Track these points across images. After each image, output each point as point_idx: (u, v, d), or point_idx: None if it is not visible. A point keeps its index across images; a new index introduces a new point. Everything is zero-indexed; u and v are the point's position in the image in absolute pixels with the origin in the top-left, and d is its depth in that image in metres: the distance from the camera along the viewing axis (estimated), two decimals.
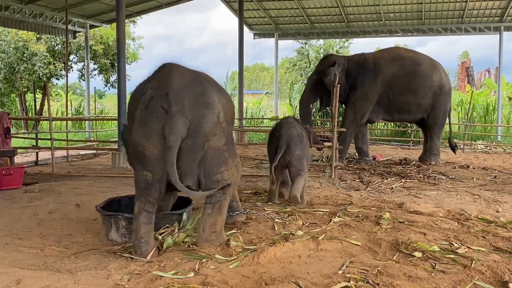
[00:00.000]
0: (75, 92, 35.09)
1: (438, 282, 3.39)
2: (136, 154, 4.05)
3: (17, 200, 6.54)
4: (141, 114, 3.91)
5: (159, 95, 3.90)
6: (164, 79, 4.01)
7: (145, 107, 3.90)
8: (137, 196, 4.12)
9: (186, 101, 3.89)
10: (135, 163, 4.13)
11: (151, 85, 4.00)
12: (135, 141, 3.98)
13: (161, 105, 3.85)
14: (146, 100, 3.92)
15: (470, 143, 14.90)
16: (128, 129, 4.22)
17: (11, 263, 3.90)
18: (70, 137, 14.19)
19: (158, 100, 3.88)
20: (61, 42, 18.54)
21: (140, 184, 4.07)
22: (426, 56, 10.49)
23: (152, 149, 3.88)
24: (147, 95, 3.94)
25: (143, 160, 3.98)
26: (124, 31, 10.35)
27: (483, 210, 5.90)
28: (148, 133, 3.87)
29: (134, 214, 4.09)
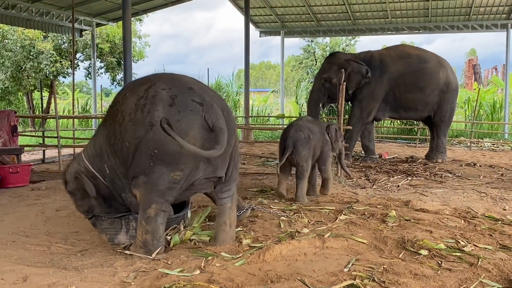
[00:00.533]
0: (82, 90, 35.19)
1: (444, 280, 3.38)
2: (164, 155, 3.85)
3: (24, 198, 6.57)
4: (168, 112, 3.85)
5: (182, 91, 4.00)
6: (173, 81, 4.16)
7: (169, 105, 3.91)
8: (151, 199, 3.95)
9: (211, 93, 4.20)
10: (159, 166, 3.86)
11: (159, 87, 4.02)
12: (162, 141, 3.82)
13: (192, 99, 3.95)
14: (166, 99, 3.94)
15: (477, 141, 14.84)
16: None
17: (18, 261, 3.92)
18: (76, 135, 14.21)
19: (184, 96, 3.97)
20: (67, 41, 18.59)
21: (162, 186, 3.92)
22: (433, 53, 10.45)
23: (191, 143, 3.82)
24: (163, 96, 3.96)
25: (176, 160, 3.86)
26: (130, 29, 10.36)
27: (489, 208, 5.88)
28: (186, 128, 3.84)
29: (149, 216, 3.96)
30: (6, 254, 4.08)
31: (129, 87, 4.34)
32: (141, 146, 3.86)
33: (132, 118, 3.93)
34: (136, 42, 20.82)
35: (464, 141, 14.98)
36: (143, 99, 3.93)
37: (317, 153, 6.42)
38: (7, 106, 18.75)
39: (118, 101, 4.21)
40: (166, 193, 3.96)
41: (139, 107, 3.92)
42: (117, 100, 4.27)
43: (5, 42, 17.86)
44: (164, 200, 3.98)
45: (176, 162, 3.85)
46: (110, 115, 4.26)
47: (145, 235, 3.99)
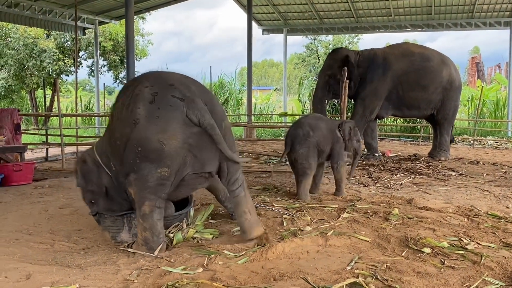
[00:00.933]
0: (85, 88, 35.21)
1: (447, 278, 3.38)
2: (148, 152, 3.88)
3: (27, 195, 6.59)
4: (148, 109, 3.88)
5: (163, 88, 3.99)
6: (156, 78, 4.15)
7: (149, 102, 3.92)
8: (144, 197, 3.98)
9: (193, 88, 4.10)
10: (145, 164, 3.90)
11: (143, 85, 4.05)
12: (146, 137, 3.85)
13: (172, 95, 3.92)
14: (147, 97, 3.95)
15: (480, 139, 14.82)
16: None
17: (21, 258, 3.93)
18: (79, 133, 14.26)
19: (164, 92, 3.96)
20: (70, 39, 18.61)
21: (152, 183, 3.93)
22: (436, 51, 10.43)
23: (172, 140, 3.84)
24: (145, 94, 3.98)
25: (159, 156, 3.86)
26: (133, 27, 10.37)
27: (493, 206, 5.87)
28: (165, 124, 3.84)
29: (144, 213, 3.98)
30: (10, 252, 4.08)
31: (122, 88, 4.39)
32: (128, 145, 3.91)
33: (119, 117, 4.02)
34: (139, 40, 20.82)
35: (467, 139, 14.96)
36: (128, 98, 3.98)
37: (326, 150, 6.29)
38: (10, 105, 18.78)
39: (114, 103, 4.32)
40: (157, 190, 3.97)
41: (124, 106, 3.98)
42: (114, 103, 4.36)
43: (8, 41, 17.88)
44: (156, 196, 3.99)
45: (160, 158, 3.86)
46: (109, 117, 4.38)
47: (144, 233, 4.02)
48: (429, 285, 3.25)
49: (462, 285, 3.27)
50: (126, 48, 10.32)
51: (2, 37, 17.81)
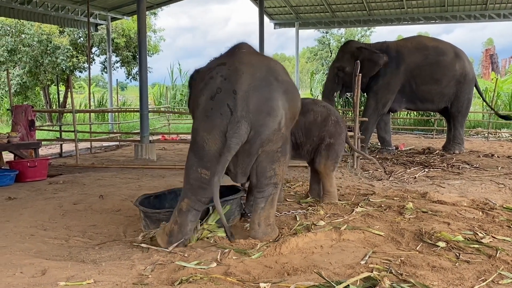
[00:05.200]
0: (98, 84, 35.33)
1: (462, 272, 3.36)
2: (195, 143, 3.96)
3: (42, 191, 6.64)
4: (206, 103, 3.85)
5: (227, 90, 3.80)
6: (235, 71, 3.88)
7: (210, 97, 3.83)
8: (186, 193, 4.02)
9: (251, 106, 3.81)
10: (191, 154, 4.01)
11: (222, 72, 3.91)
12: (197, 129, 3.94)
13: (227, 103, 3.77)
14: (213, 89, 3.84)
15: (495, 131, 14.68)
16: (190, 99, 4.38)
17: (37, 254, 3.96)
18: (93, 129, 14.33)
19: (225, 95, 3.79)
20: (83, 35, 18.67)
21: (193, 181, 3.95)
22: (450, 44, 10.34)
23: (212, 144, 3.83)
24: (215, 84, 3.85)
25: (201, 153, 3.89)
26: (145, 23, 10.38)
27: (508, 199, 5.83)
28: (210, 127, 3.82)
29: (180, 209, 4.02)
30: (25, 248, 4.13)
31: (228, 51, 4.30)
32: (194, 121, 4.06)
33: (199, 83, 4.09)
34: (151, 36, 20.85)
35: (482, 131, 14.83)
36: (208, 72, 4.02)
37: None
38: (24, 101, 18.91)
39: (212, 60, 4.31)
40: (197, 192, 3.99)
41: (202, 77, 4.08)
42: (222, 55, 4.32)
43: (22, 37, 17.97)
44: (197, 199, 4.01)
45: (202, 156, 3.89)
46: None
47: (173, 225, 4.06)
48: (444, 280, 3.23)
49: (477, 279, 3.25)
50: (139, 44, 10.33)
51: (17, 34, 17.90)
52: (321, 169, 5.55)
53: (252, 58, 4.10)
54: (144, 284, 3.21)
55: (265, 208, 4.27)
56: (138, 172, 8.35)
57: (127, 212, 5.45)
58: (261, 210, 4.28)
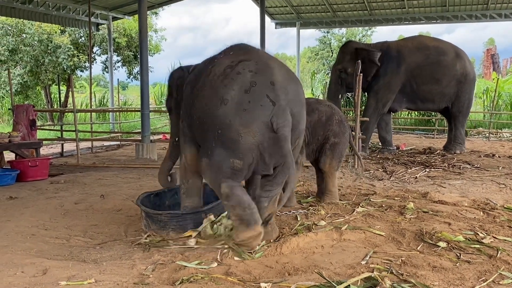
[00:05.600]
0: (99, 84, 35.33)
1: (463, 272, 3.36)
2: (222, 137, 3.78)
3: (43, 191, 6.64)
4: (239, 97, 3.72)
5: (263, 82, 3.77)
6: (266, 66, 3.89)
7: (244, 91, 3.72)
8: (219, 179, 3.88)
9: (290, 96, 3.84)
10: (218, 149, 3.84)
11: (249, 67, 3.83)
12: (226, 124, 3.74)
13: (267, 94, 3.73)
14: (245, 83, 3.74)
15: (496, 132, 14.68)
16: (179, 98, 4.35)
17: (38, 253, 3.97)
18: (94, 129, 14.32)
19: (262, 87, 3.75)
20: (85, 35, 18.67)
21: (226, 168, 3.84)
22: (450, 44, 10.34)
23: (249, 137, 3.71)
24: (245, 78, 3.76)
25: (233, 147, 3.76)
26: (146, 23, 10.39)
27: (509, 199, 5.82)
28: (249, 120, 3.70)
29: (226, 193, 3.86)
30: (26, 247, 4.13)
31: (238, 47, 4.22)
32: (209, 121, 3.86)
33: (207, 78, 3.95)
34: (152, 35, 20.84)
35: (483, 131, 14.82)
36: (226, 68, 3.87)
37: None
38: (25, 100, 18.91)
39: (216, 56, 4.20)
40: (232, 177, 3.90)
41: (218, 73, 3.89)
42: (227, 51, 4.21)
43: (23, 36, 17.98)
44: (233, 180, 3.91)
45: (234, 149, 3.79)
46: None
47: (237, 211, 3.87)
48: (444, 280, 3.23)
49: (478, 280, 3.25)
50: (140, 43, 10.34)
51: (17, 33, 17.90)
52: (326, 169, 5.56)
53: (269, 55, 4.17)
54: (145, 284, 3.22)
55: (267, 207, 4.24)
56: (139, 171, 8.35)
57: (128, 211, 5.45)
58: (263, 209, 4.25)
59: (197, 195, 4.63)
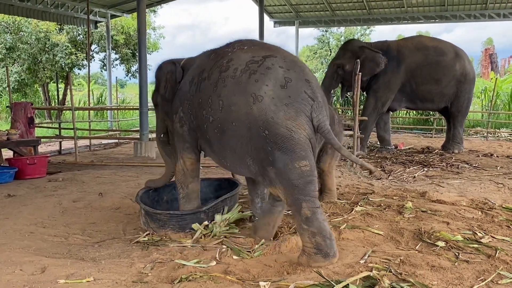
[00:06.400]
0: (97, 81, 35.28)
1: (461, 272, 3.36)
2: (273, 137, 3.49)
3: (41, 189, 6.63)
4: (278, 93, 3.50)
5: (299, 79, 3.60)
6: (294, 63, 3.74)
7: (281, 86, 3.51)
8: (298, 198, 3.53)
9: (321, 94, 3.72)
10: (276, 152, 3.51)
11: (278, 62, 3.65)
12: (270, 121, 3.48)
13: (305, 90, 3.56)
14: (279, 79, 3.54)
15: (494, 131, 14.69)
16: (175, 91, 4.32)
17: (36, 252, 3.96)
18: (92, 127, 14.32)
19: (299, 84, 3.58)
20: (83, 33, 18.66)
21: (296, 181, 3.51)
22: (450, 44, 10.34)
23: (300, 130, 3.49)
24: (278, 74, 3.57)
25: (290, 145, 3.48)
26: (145, 20, 10.38)
27: (507, 199, 5.82)
28: (294, 114, 3.48)
29: (306, 218, 3.51)
30: (25, 245, 4.12)
31: (251, 43, 4.06)
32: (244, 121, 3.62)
33: (228, 75, 3.74)
34: (151, 33, 20.82)
35: (481, 131, 14.84)
36: (256, 65, 3.67)
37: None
38: (23, 98, 18.89)
39: (226, 51, 4.01)
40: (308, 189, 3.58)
41: (242, 68, 3.69)
42: (232, 45, 4.07)
43: (20, 35, 17.96)
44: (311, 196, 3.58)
45: (292, 148, 3.51)
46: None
47: (313, 239, 3.54)
48: (443, 279, 3.23)
49: (476, 279, 3.25)
50: (138, 41, 10.34)
51: (15, 31, 17.88)
52: (326, 168, 5.56)
53: (290, 53, 4.06)
54: (144, 282, 3.22)
55: (282, 212, 4.22)
56: (138, 169, 8.34)
57: (127, 210, 5.45)
58: (278, 213, 4.20)
59: (196, 199, 4.60)
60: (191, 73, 4.28)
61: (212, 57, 4.11)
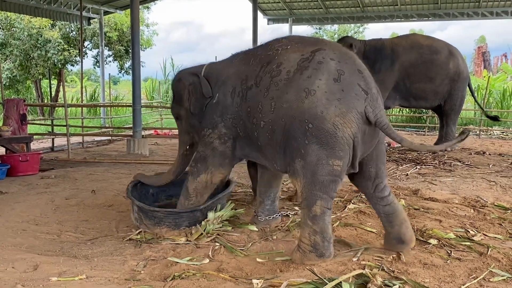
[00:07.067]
0: (90, 78, 35.12)
1: (453, 269, 3.38)
2: (315, 131, 3.42)
3: (33, 186, 6.61)
4: (331, 87, 3.42)
5: (352, 71, 3.53)
6: (345, 54, 3.67)
7: (334, 79, 3.44)
8: (315, 194, 3.50)
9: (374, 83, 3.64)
10: (314, 147, 3.44)
11: (329, 55, 3.56)
12: (318, 116, 3.41)
13: (358, 83, 3.48)
14: (332, 72, 3.46)
15: (486, 129, 14.75)
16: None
17: (28, 249, 3.95)
18: (85, 124, 14.27)
19: (352, 76, 3.50)
20: (75, 29, 18.59)
21: (324, 176, 3.47)
22: (444, 42, 10.36)
23: (346, 128, 3.41)
24: (330, 67, 3.49)
25: (332, 142, 3.41)
26: (138, 17, 10.34)
27: (499, 196, 5.85)
28: (345, 110, 3.39)
29: (315, 214, 3.51)
30: (17, 243, 4.11)
31: (291, 40, 3.94)
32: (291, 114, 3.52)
33: (289, 77, 3.62)
34: (144, 30, 20.77)
35: (473, 129, 14.90)
36: (306, 61, 3.58)
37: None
38: (16, 95, 18.80)
39: (270, 54, 3.87)
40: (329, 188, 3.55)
41: (293, 64, 3.61)
42: (271, 47, 3.93)
43: (12, 31, 17.87)
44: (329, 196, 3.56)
45: (333, 145, 3.45)
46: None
47: (313, 236, 3.54)
48: (435, 277, 3.25)
49: (468, 277, 3.27)
50: (132, 38, 10.29)
51: (7, 27, 17.79)
52: None
53: (337, 43, 4.00)
54: (137, 280, 3.22)
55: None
56: (131, 167, 8.32)
57: (120, 207, 5.43)
58: (399, 205, 3.96)
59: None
60: (229, 83, 4.08)
61: (253, 62, 3.95)
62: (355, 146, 3.49)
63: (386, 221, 3.85)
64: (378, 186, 3.81)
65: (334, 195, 3.61)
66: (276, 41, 3.98)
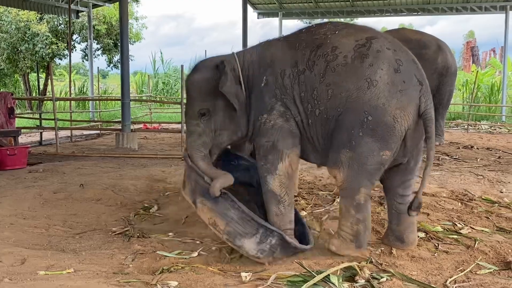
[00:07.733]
0: (79, 72, 34.91)
1: (441, 262, 3.41)
2: (374, 124, 3.30)
3: (21, 180, 6.56)
4: (392, 77, 3.32)
5: (408, 61, 3.48)
6: (396, 42, 3.60)
7: (394, 70, 3.34)
8: (361, 181, 3.41)
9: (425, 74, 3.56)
10: (368, 139, 3.32)
11: (384, 44, 3.46)
12: (380, 108, 3.29)
13: (415, 74, 3.43)
14: (392, 62, 3.36)
15: (475, 123, 14.83)
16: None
17: (16, 243, 3.92)
18: (74, 117, 14.19)
19: (409, 66, 3.44)
20: (64, 22, 18.45)
21: (372, 165, 3.38)
22: (433, 37, 10.37)
23: (404, 121, 3.32)
24: (389, 56, 3.39)
25: (387, 135, 3.32)
26: (127, 10, 10.30)
27: (486, 190, 5.88)
28: (406, 102, 3.32)
29: (359, 203, 3.44)
30: (4, 237, 4.08)
31: (336, 25, 3.68)
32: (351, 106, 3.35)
33: (347, 63, 3.38)
34: (133, 23, 20.65)
35: (462, 123, 14.98)
36: (364, 48, 3.40)
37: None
38: (3, 88, 18.66)
39: (316, 38, 3.57)
40: (374, 176, 3.51)
41: (352, 53, 3.38)
42: (316, 32, 3.65)
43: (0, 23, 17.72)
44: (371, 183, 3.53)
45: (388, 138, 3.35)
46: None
47: (356, 226, 3.46)
48: (423, 269, 3.28)
49: (455, 269, 3.30)
50: (120, 31, 10.25)
51: None
52: None
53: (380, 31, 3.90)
54: (125, 274, 3.21)
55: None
56: (119, 161, 8.29)
57: (108, 201, 5.41)
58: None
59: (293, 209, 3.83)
60: (277, 66, 3.58)
61: (300, 47, 3.56)
62: (406, 137, 3.42)
63: (394, 218, 3.76)
64: (406, 182, 3.75)
65: (376, 182, 3.57)
66: (318, 26, 3.74)
